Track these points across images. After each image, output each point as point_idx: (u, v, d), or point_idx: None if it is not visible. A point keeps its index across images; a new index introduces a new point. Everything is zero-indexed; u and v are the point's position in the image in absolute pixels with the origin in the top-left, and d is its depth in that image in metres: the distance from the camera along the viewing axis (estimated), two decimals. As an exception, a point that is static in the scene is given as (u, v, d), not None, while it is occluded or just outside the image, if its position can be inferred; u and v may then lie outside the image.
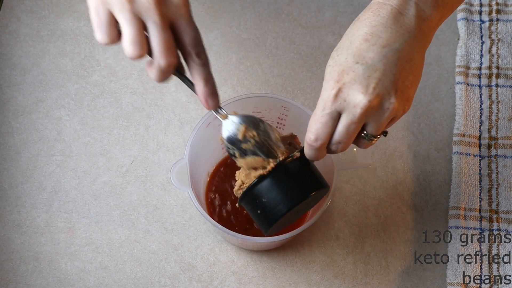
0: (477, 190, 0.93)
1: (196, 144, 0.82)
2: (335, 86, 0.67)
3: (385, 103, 0.67)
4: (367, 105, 0.66)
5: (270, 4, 1.03)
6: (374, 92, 0.66)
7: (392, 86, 0.66)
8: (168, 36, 0.65)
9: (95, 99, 0.98)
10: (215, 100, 0.70)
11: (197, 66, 0.68)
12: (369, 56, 0.66)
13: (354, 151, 0.80)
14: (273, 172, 0.73)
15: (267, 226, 0.75)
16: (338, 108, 0.67)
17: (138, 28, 0.64)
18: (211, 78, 0.69)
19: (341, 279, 0.90)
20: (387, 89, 0.66)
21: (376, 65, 0.66)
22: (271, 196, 0.73)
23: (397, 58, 0.67)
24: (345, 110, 0.67)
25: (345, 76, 0.66)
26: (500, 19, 1.01)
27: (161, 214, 0.92)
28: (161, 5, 0.64)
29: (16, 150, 0.95)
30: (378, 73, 0.66)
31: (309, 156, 0.71)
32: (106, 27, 0.65)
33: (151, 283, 0.89)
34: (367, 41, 0.67)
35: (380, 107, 0.67)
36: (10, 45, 1.00)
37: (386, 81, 0.66)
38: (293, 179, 0.73)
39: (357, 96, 0.66)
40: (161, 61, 0.65)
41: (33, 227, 0.91)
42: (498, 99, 0.97)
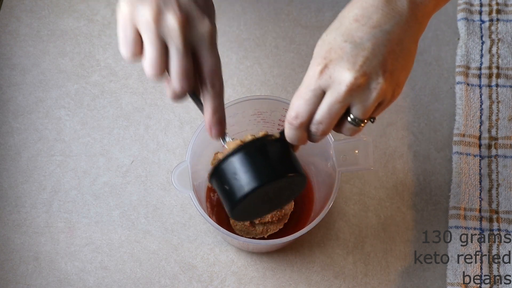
0: (477, 190, 0.93)
1: (197, 146, 0.82)
2: (321, 62, 0.65)
3: (372, 82, 0.64)
4: (353, 82, 0.63)
5: (270, 4, 1.03)
6: (361, 69, 0.64)
7: (380, 66, 0.64)
8: (187, 63, 0.65)
9: (95, 99, 0.98)
10: (220, 130, 0.70)
11: (208, 96, 0.68)
12: (358, 35, 0.65)
13: (355, 153, 0.80)
14: (246, 147, 0.68)
15: (230, 207, 0.69)
16: (322, 85, 0.65)
17: (159, 51, 0.64)
18: (220, 109, 0.69)
19: (341, 279, 0.90)
20: (374, 68, 0.64)
21: (365, 44, 0.64)
22: (239, 172, 0.68)
23: (387, 40, 0.65)
24: (330, 88, 0.65)
25: (332, 54, 0.64)
26: (500, 19, 1.01)
27: (161, 214, 0.92)
28: (185, 30, 0.64)
29: (16, 150, 0.95)
30: (366, 52, 0.64)
31: (288, 136, 0.68)
32: (131, 44, 0.65)
33: (151, 283, 0.89)
34: (357, 21, 0.65)
35: (366, 87, 0.64)
36: (10, 45, 1.00)
37: (374, 61, 0.64)
38: (266, 158, 0.69)
39: (343, 73, 0.64)
40: (176, 86, 0.66)
41: (33, 227, 0.91)
42: (498, 99, 0.97)
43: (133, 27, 0.65)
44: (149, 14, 0.64)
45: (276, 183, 0.69)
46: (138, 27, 0.65)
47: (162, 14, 0.64)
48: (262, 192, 0.68)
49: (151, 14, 0.64)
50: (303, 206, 0.91)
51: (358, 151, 0.80)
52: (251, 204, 0.70)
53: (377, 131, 0.97)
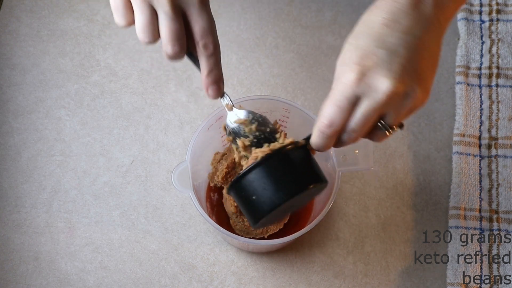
0: (477, 190, 0.93)
1: (197, 146, 0.83)
2: (356, 69, 0.63)
3: (409, 91, 0.63)
4: (392, 90, 0.62)
5: (270, 4, 1.03)
6: (399, 77, 0.62)
7: (415, 74, 0.64)
8: (176, 26, 0.66)
9: (95, 99, 0.98)
10: (216, 90, 0.70)
11: (202, 56, 0.68)
12: (390, 41, 0.63)
13: (355, 153, 0.80)
14: (269, 159, 0.67)
15: (256, 220, 0.69)
16: (358, 92, 0.63)
17: (148, 16, 0.66)
18: (216, 68, 0.69)
19: (341, 279, 0.90)
20: (411, 76, 0.63)
21: (399, 50, 0.63)
22: (264, 186, 0.67)
23: (418, 45, 0.64)
24: (367, 95, 0.63)
25: (367, 60, 0.63)
26: (500, 19, 1.01)
27: (161, 214, 0.92)
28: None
29: (16, 150, 0.95)
30: (401, 59, 0.63)
31: (317, 144, 0.67)
32: (122, 11, 0.67)
33: (151, 283, 0.89)
34: (387, 26, 0.64)
35: (403, 95, 0.63)
36: (10, 45, 1.00)
37: (410, 68, 0.63)
38: (291, 168, 0.67)
39: (382, 81, 0.62)
40: (167, 50, 0.67)
41: (33, 227, 0.91)
42: (498, 99, 0.97)
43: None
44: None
45: (304, 193, 0.68)
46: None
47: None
48: (288, 202, 0.68)
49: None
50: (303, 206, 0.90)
51: (358, 151, 0.80)
52: (275, 213, 0.69)
53: (377, 131, 0.97)
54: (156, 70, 0.99)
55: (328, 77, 1.00)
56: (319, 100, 0.98)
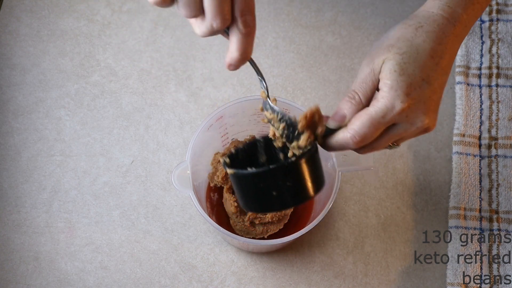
0: (477, 190, 0.93)
1: (197, 146, 0.83)
2: (404, 99, 0.66)
3: (432, 126, 0.68)
4: (425, 127, 0.67)
5: (270, 4, 1.03)
6: (433, 115, 0.67)
7: (437, 107, 0.69)
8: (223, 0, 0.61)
9: (95, 99, 0.98)
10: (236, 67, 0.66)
11: (238, 34, 0.64)
12: (433, 76, 0.67)
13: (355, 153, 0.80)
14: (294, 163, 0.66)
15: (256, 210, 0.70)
16: (397, 121, 0.67)
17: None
18: (249, 49, 0.65)
19: (341, 279, 0.90)
20: (436, 111, 0.68)
21: (435, 86, 0.67)
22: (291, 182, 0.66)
23: (443, 81, 0.68)
24: (401, 124, 0.67)
25: (413, 92, 0.66)
26: (500, 19, 1.01)
27: (161, 214, 0.92)
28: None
29: (16, 150, 0.95)
30: (436, 96, 0.67)
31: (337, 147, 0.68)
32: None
33: (151, 283, 0.89)
34: (433, 58, 0.67)
35: (426, 129, 0.68)
36: (10, 45, 1.00)
37: (437, 103, 0.68)
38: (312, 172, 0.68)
39: (420, 117, 0.67)
40: (214, 23, 0.61)
41: (33, 227, 0.91)
42: (498, 99, 0.97)
43: None
44: None
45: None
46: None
47: None
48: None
49: None
50: (303, 206, 0.90)
51: (358, 150, 0.80)
52: None
53: (377, 131, 0.97)
54: (156, 70, 0.99)
55: (328, 77, 1.00)
56: (319, 100, 0.98)
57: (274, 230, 0.87)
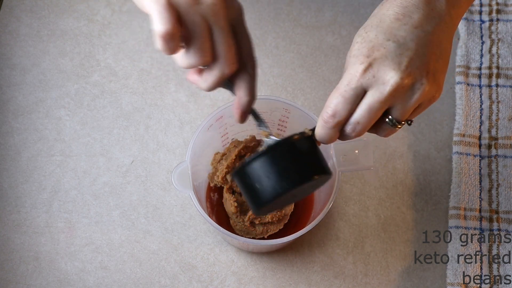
0: (477, 190, 0.93)
1: (197, 146, 0.83)
2: (364, 60, 0.63)
3: (416, 83, 0.63)
4: (399, 82, 0.62)
5: (270, 4, 1.03)
6: (407, 70, 0.62)
7: (424, 67, 0.63)
8: (233, 42, 0.62)
9: (95, 99, 0.98)
10: (245, 116, 0.67)
11: (248, 78, 0.65)
12: (401, 35, 0.63)
13: (355, 153, 0.80)
14: (275, 148, 0.66)
15: (258, 207, 0.68)
16: (365, 84, 0.63)
17: (206, 32, 0.60)
18: (255, 93, 0.66)
19: (341, 279, 0.90)
20: (419, 69, 0.63)
21: (408, 44, 0.63)
22: (268, 174, 0.65)
23: (428, 40, 0.64)
24: (373, 87, 0.63)
25: (376, 52, 0.63)
26: (500, 19, 1.01)
27: (161, 214, 0.92)
28: (225, 9, 0.61)
29: (16, 150, 0.95)
30: (410, 52, 0.63)
31: (320, 135, 0.66)
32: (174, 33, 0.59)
33: (151, 283, 0.89)
34: (399, 20, 0.64)
35: (410, 88, 0.63)
36: (10, 45, 1.00)
37: (418, 61, 0.63)
38: (299, 158, 0.66)
39: (389, 73, 0.62)
40: (224, 68, 0.62)
41: (33, 227, 0.91)
42: (498, 99, 0.97)
43: (174, 11, 0.59)
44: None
45: (308, 184, 0.68)
46: (179, 10, 0.59)
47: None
48: (292, 191, 0.67)
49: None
50: (303, 206, 0.90)
51: (358, 151, 0.80)
52: (277, 201, 0.68)
53: (377, 131, 0.97)
54: (156, 70, 0.99)
55: (328, 77, 1.00)
56: (319, 100, 0.98)
57: (274, 230, 0.87)
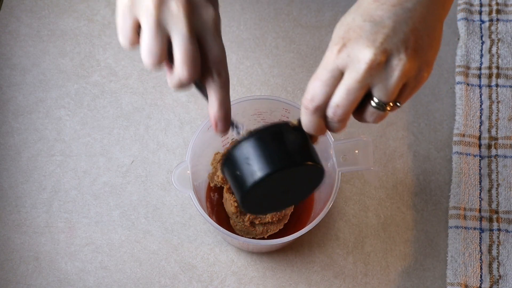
0: (477, 190, 0.93)
1: (197, 146, 0.83)
2: (339, 41, 0.61)
3: (393, 59, 0.60)
4: (373, 59, 0.60)
5: (270, 4, 1.03)
6: (381, 46, 0.60)
7: (402, 43, 0.61)
8: (193, 48, 0.63)
9: (95, 99, 0.98)
10: (225, 125, 0.67)
11: (215, 86, 0.65)
12: (378, 14, 0.61)
13: (355, 153, 0.80)
14: (261, 132, 0.63)
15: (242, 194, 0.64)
16: (340, 64, 0.61)
17: (159, 37, 0.62)
18: (227, 101, 0.66)
19: (341, 279, 0.90)
20: (396, 45, 0.61)
21: (385, 22, 0.61)
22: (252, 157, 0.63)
23: (409, 17, 0.61)
24: (348, 67, 0.61)
25: (351, 33, 0.61)
26: (500, 19, 1.01)
27: (161, 214, 0.92)
28: (190, 16, 0.62)
29: (16, 150, 0.95)
30: (387, 29, 0.61)
31: (304, 122, 0.64)
32: (129, 31, 0.64)
33: (151, 283, 0.89)
34: (377, 1, 0.62)
35: (388, 64, 0.61)
36: (10, 45, 1.00)
37: (395, 38, 0.61)
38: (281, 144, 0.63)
39: (362, 51, 0.60)
40: (182, 73, 0.63)
41: (33, 227, 0.91)
42: (498, 99, 0.97)
43: (133, 16, 0.63)
44: (151, 1, 0.62)
45: (291, 171, 0.64)
46: (138, 15, 0.63)
47: (164, 1, 0.62)
48: (275, 181, 0.64)
49: (153, 0, 0.61)
50: (303, 206, 0.91)
51: (358, 151, 0.80)
52: (264, 194, 0.65)
53: (377, 131, 0.97)
54: (156, 70, 0.99)
55: (328, 77, 0.99)
56: (319, 100, 0.98)
57: (274, 230, 0.87)
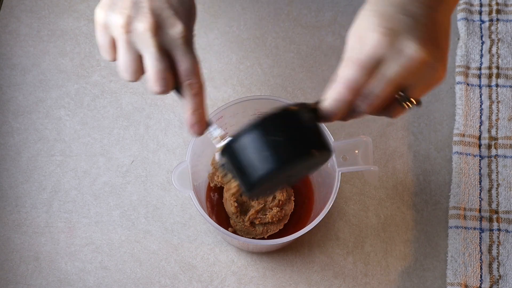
0: (477, 190, 0.93)
1: (197, 146, 0.83)
2: (382, 31, 0.60)
3: (433, 61, 0.61)
4: (420, 56, 0.60)
5: (270, 4, 1.03)
6: (426, 46, 0.60)
7: (437, 45, 0.62)
8: (162, 66, 0.66)
9: (95, 99, 0.98)
10: (200, 128, 0.70)
11: (187, 95, 0.69)
12: (412, 10, 0.61)
13: (355, 153, 0.80)
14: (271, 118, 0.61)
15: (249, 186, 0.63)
16: (383, 55, 0.60)
17: (131, 57, 0.66)
18: (199, 108, 0.69)
19: (341, 279, 0.90)
20: (433, 46, 0.61)
21: (421, 19, 0.61)
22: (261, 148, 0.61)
23: (435, 18, 0.62)
24: (392, 59, 0.60)
25: (392, 24, 0.60)
26: (500, 19, 1.01)
27: (161, 214, 0.92)
28: (157, 36, 0.65)
29: (16, 150, 0.95)
30: (425, 27, 0.60)
31: (330, 108, 0.63)
32: (107, 50, 0.68)
33: (151, 283, 0.89)
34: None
35: (427, 64, 0.60)
36: (10, 45, 1.00)
37: (432, 38, 0.61)
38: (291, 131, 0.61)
39: (411, 46, 0.60)
40: (152, 88, 0.67)
41: (33, 227, 0.91)
42: (498, 99, 0.97)
43: (108, 34, 0.67)
44: (120, 21, 0.65)
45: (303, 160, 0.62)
46: (112, 35, 0.66)
47: (132, 21, 0.65)
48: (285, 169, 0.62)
49: (121, 21, 0.65)
50: (303, 206, 0.91)
51: (358, 151, 0.80)
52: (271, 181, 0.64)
53: (377, 131, 0.97)
54: (156, 70, 0.99)
55: (328, 77, 0.99)
56: (319, 100, 0.98)
57: (274, 230, 0.87)
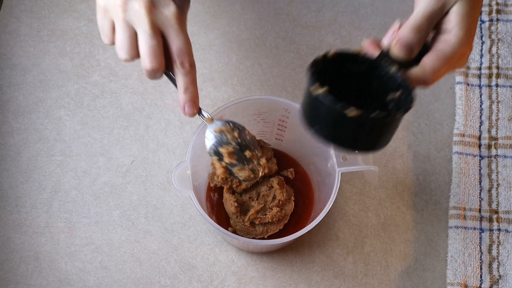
0: (477, 190, 0.93)
1: (197, 146, 0.82)
2: (471, 45, 0.70)
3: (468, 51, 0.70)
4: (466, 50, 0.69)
5: (270, 4, 1.03)
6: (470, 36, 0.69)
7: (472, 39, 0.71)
8: (155, 43, 0.69)
9: (95, 99, 0.98)
10: (192, 107, 0.73)
11: (179, 74, 0.72)
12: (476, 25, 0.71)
13: (355, 153, 0.80)
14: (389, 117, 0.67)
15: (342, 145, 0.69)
16: (456, 61, 0.69)
17: (127, 35, 0.70)
18: (191, 86, 0.72)
19: (341, 279, 0.90)
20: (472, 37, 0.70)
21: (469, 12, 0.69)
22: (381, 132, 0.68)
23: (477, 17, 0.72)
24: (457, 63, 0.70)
25: (473, 37, 0.70)
26: (500, 19, 1.01)
27: (161, 214, 0.92)
28: (151, 14, 0.69)
29: (16, 150, 0.95)
30: (475, 24, 0.70)
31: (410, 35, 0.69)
32: (107, 33, 0.72)
33: (151, 283, 0.89)
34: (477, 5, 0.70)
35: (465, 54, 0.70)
36: (10, 45, 1.00)
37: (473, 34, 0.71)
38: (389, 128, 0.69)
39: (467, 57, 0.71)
40: (146, 65, 0.70)
41: (33, 227, 0.91)
42: (498, 99, 0.97)
43: (108, 17, 0.71)
44: (117, 1, 0.69)
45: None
46: (111, 17, 0.70)
47: (128, 1, 0.69)
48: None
49: (119, 1, 0.69)
50: (303, 206, 0.91)
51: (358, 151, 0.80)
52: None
53: (377, 131, 0.97)
54: (156, 70, 0.99)
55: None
56: (319, 100, 0.98)
57: (274, 230, 0.87)
